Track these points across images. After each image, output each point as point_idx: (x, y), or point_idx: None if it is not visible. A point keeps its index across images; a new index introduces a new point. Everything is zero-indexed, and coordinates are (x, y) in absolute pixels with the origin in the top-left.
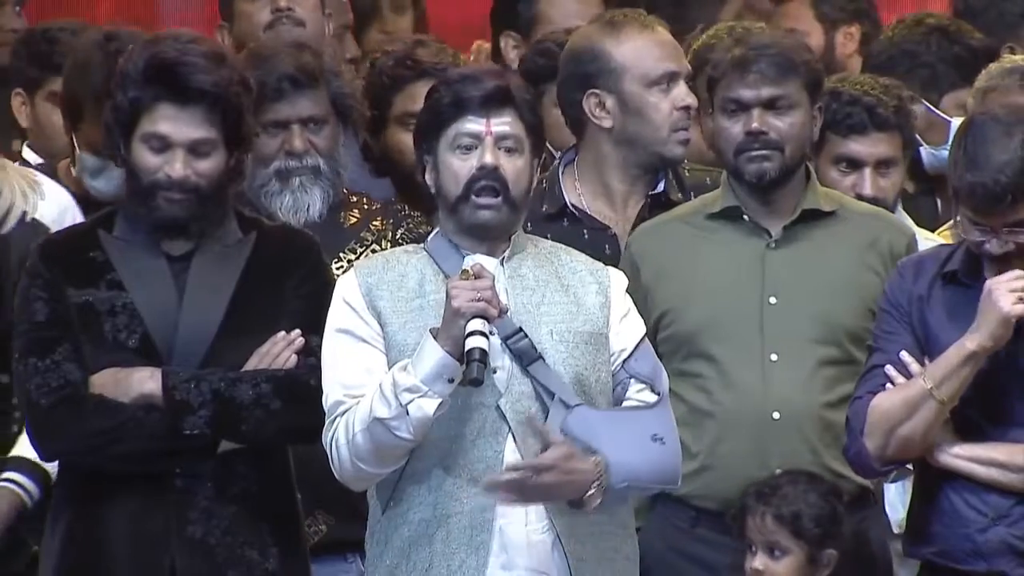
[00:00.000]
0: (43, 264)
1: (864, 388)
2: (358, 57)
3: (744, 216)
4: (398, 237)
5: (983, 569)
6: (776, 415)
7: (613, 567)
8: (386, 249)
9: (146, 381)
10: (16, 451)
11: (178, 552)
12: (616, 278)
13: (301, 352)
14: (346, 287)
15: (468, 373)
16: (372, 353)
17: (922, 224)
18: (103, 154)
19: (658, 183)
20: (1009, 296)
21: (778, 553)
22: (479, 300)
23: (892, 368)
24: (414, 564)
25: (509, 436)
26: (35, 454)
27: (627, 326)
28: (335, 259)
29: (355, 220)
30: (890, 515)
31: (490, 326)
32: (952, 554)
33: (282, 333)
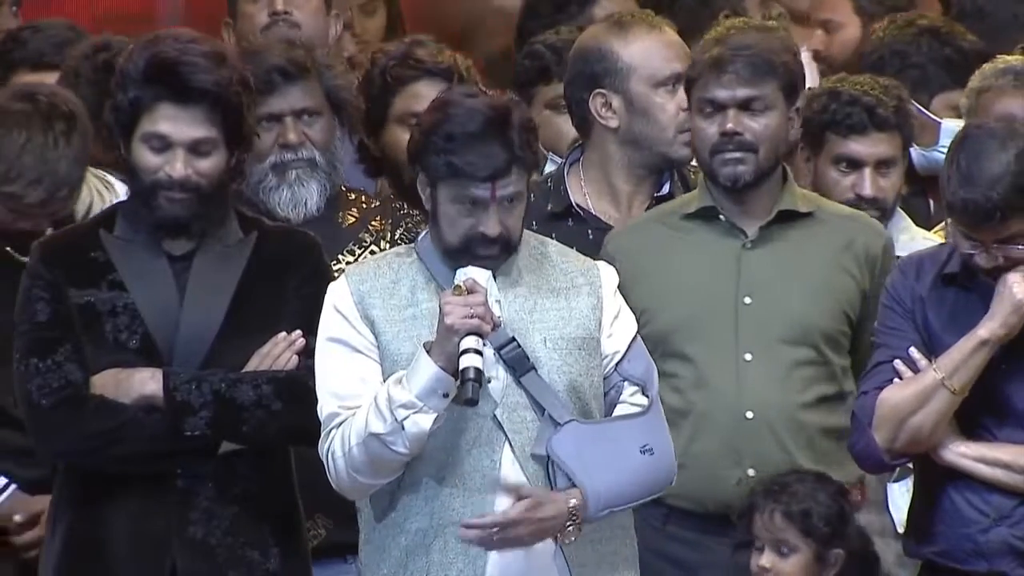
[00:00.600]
0: (44, 265)
1: (870, 383)
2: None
3: (720, 216)
4: (397, 237)
5: (984, 569)
6: (750, 415)
7: (614, 571)
8: (385, 250)
9: (147, 382)
10: None
11: (179, 552)
12: (606, 275)
13: (302, 353)
14: (337, 295)
15: (463, 393)
16: (366, 363)
17: (915, 224)
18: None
19: (663, 184)
20: None
21: (786, 551)
22: (472, 317)
23: (901, 362)
24: (411, 573)
25: (506, 445)
26: None
27: (619, 327)
28: (334, 260)
29: (353, 220)
30: (893, 515)
31: (484, 341)
32: (953, 554)
33: (283, 334)
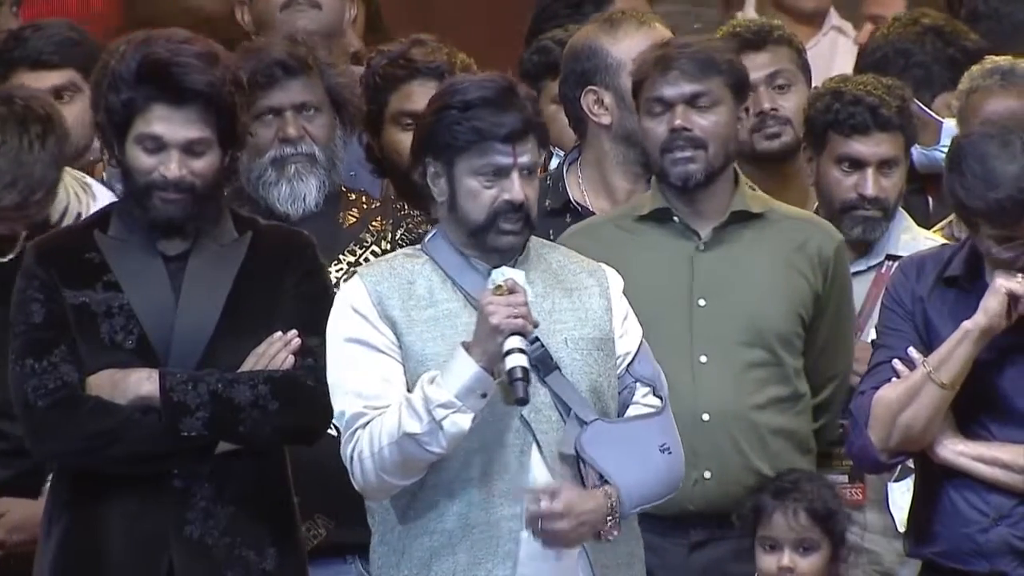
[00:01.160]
0: (39, 265)
1: (868, 383)
2: (361, 51)
3: (674, 218)
4: (398, 237)
5: (985, 569)
6: (706, 416)
7: (630, 570)
8: (386, 250)
9: (143, 382)
10: None
11: (176, 552)
12: (613, 277)
13: (298, 353)
14: (354, 295)
15: (514, 392)
16: (388, 363)
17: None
18: None
19: None
20: (1010, 277)
21: (807, 549)
22: (516, 317)
23: (899, 362)
24: (435, 575)
25: (534, 445)
26: None
27: (629, 328)
28: (334, 261)
29: (354, 220)
30: (893, 514)
31: (525, 342)
32: (954, 554)
33: (278, 334)
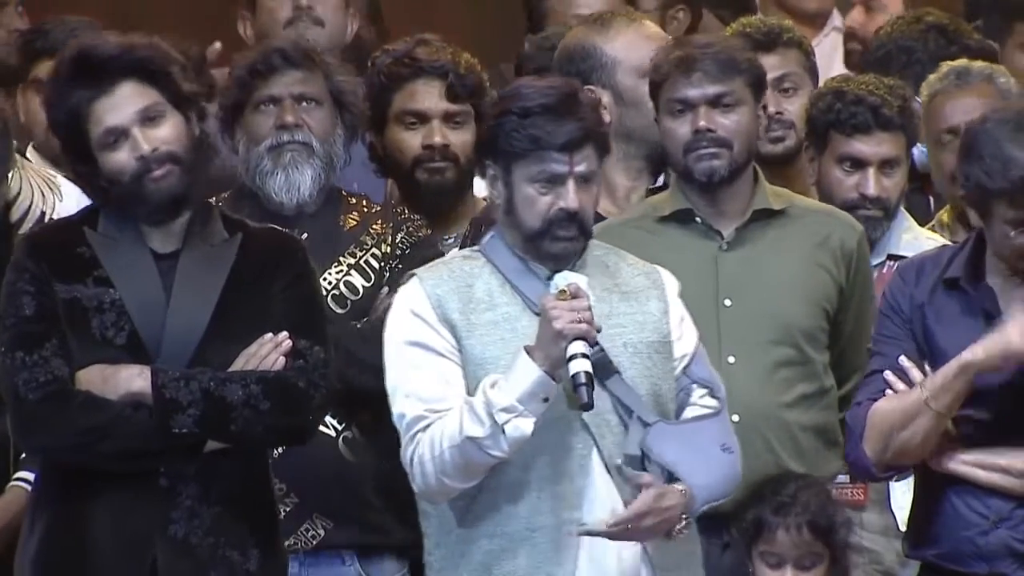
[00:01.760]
0: (30, 258)
1: (864, 394)
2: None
3: (696, 218)
4: (398, 240)
5: (984, 571)
6: (736, 417)
7: (690, 571)
8: (386, 253)
9: (135, 378)
10: None
11: (160, 551)
12: (669, 280)
13: (289, 355)
14: (412, 298)
15: (579, 397)
16: (448, 365)
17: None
18: None
19: (658, 177)
20: None
21: (810, 563)
22: (580, 322)
23: (891, 374)
24: None
25: (594, 449)
26: None
27: (686, 330)
28: (335, 262)
29: (354, 223)
30: (895, 514)
31: (588, 347)
32: (953, 556)
33: (269, 335)
